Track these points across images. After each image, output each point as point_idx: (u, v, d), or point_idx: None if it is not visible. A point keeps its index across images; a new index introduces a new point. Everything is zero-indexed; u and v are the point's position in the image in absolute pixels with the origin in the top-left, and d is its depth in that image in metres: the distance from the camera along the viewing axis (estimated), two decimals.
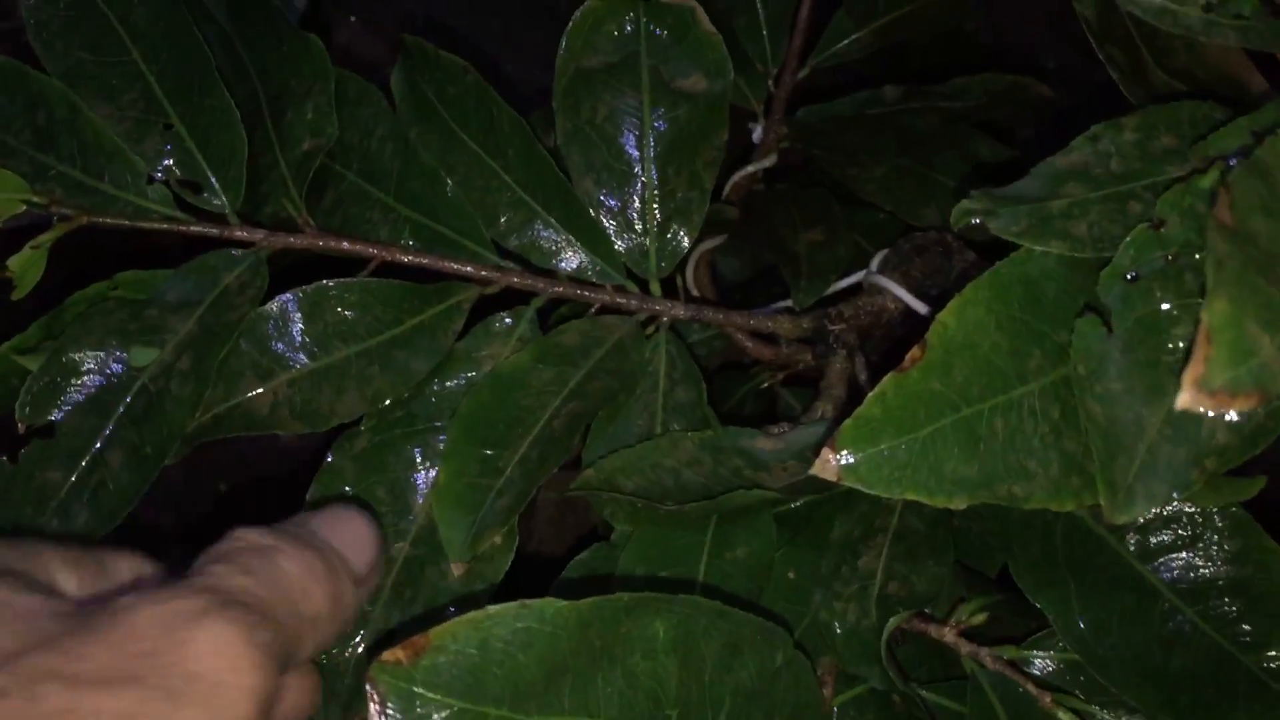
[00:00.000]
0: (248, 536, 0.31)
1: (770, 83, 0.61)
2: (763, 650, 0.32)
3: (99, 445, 0.40)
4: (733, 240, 0.58)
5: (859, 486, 0.30)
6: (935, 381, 0.30)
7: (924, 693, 0.39)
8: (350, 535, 0.34)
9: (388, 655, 0.28)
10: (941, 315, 0.31)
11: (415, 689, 0.28)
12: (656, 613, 0.30)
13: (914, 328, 0.52)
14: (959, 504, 0.30)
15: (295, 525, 0.34)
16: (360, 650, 0.42)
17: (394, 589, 0.42)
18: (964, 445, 0.31)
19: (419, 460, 0.44)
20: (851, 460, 0.30)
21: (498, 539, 0.41)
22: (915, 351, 0.30)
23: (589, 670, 0.30)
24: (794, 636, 0.33)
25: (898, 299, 0.48)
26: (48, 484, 0.39)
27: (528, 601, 0.29)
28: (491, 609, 0.28)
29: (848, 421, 0.30)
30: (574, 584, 0.45)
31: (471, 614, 0.28)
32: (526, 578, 0.42)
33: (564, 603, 0.29)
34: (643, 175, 0.46)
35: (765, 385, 0.58)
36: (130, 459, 0.40)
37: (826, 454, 0.30)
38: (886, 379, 0.30)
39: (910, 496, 0.30)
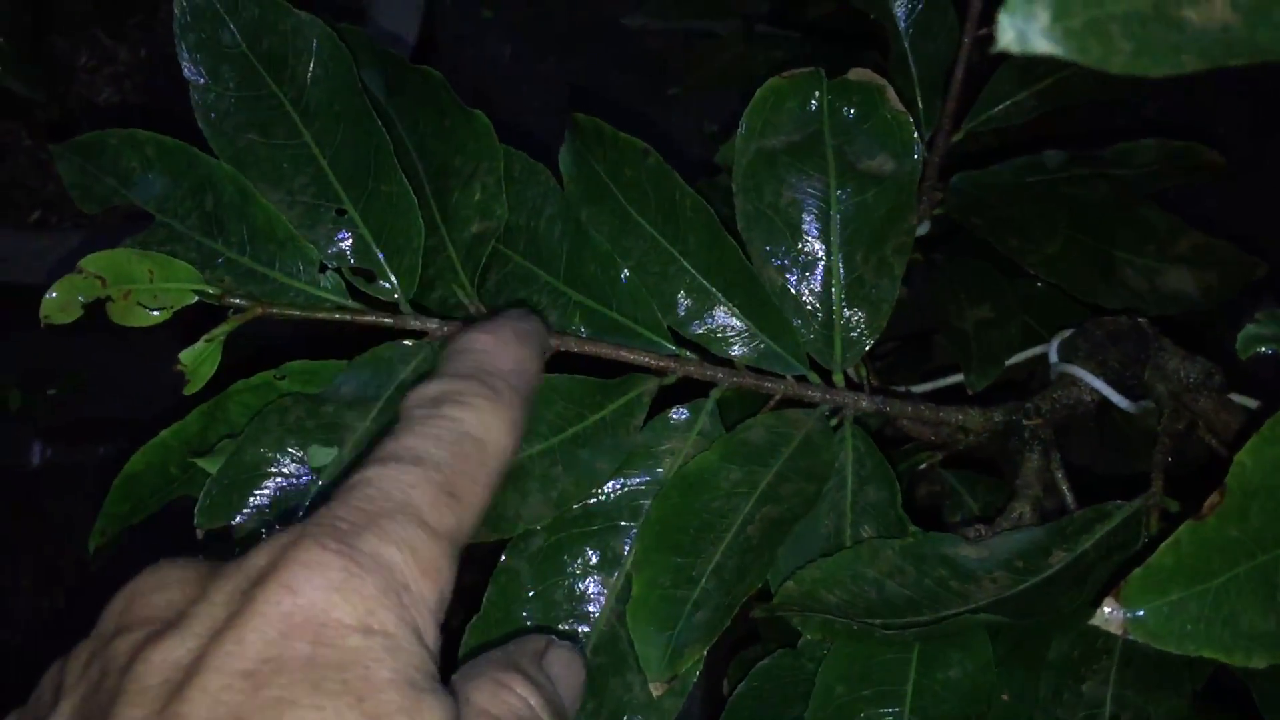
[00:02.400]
0: (529, 699, 0.31)
1: (924, 148, 0.58)
2: None
3: None
4: None
5: (1148, 642, 0.28)
6: (1232, 527, 0.28)
7: None
8: (575, 689, 0.34)
9: None
10: (1240, 455, 0.28)
11: None
12: None
13: (1107, 419, 0.50)
14: (1259, 663, 0.28)
15: (542, 674, 0.32)
16: None
17: None
18: (1260, 595, 0.28)
19: (597, 563, 0.42)
20: (1139, 614, 0.28)
21: (692, 661, 0.39)
22: (1214, 498, 0.28)
23: None
24: None
25: (1093, 390, 0.45)
26: None
27: None
28: None
29: (1137, 571, 0.28)
30: (760, 694, 0.42)
31: None
32: None
33: None
34: (828, 261, 0.44)
35: (924, 465, 0.55)
36: None
37: (1110, 605, 0.28)
38: (1183, 528, 0.28)
39: (1207, 654, 0.28)
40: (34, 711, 0.27)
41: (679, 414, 0.43)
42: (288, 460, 0.39)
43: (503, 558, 0.41)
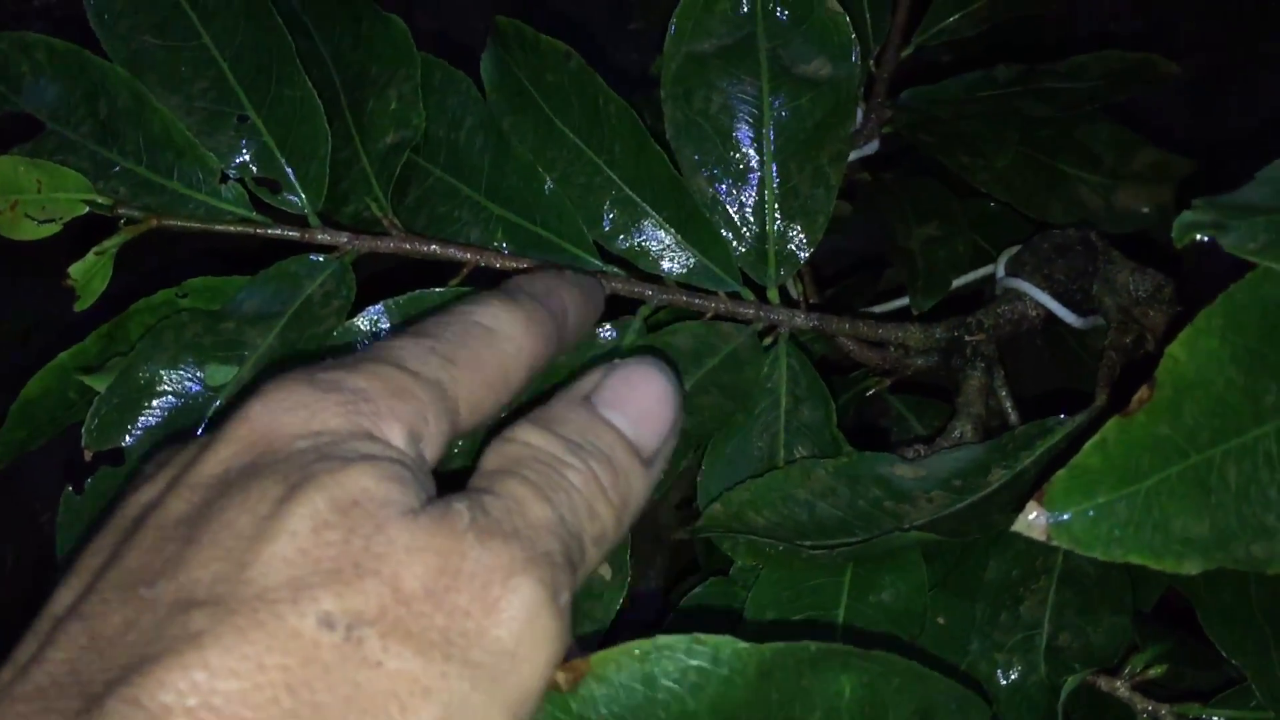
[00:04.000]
0: (530, 440, 0.27)
1: (871, 62, 0.56)
2: (956, 718, 0.28)
3: None
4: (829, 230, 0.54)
5: (1072, 548, 0.26)
6: (1163, 425, 0.26)
7: None
8: (645, 407, 0.29)
9: None
10: (1171, 348, 0.26)
11: None
12: (844, 667, 0.26)
13: (1054, 336, 0.48)
14: (1191, 568, 0.26)
15: (575, 410, 0.29)
16: None
17: None
18: (1193, 498, 0.27)
19: None
20: (1064, 517, 0.26)
21: (606, 574, 0.37)
22: (1143, 392, 0.26)
23: None
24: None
25: (1039, 305, 0.43)
26: None
27: (702, 637, 0.25)
28: (661, 639, 0.24)
29: (1061, 473, 0.26)
30: (686, 626, 0.41)
31: (637, 643, 0.24)
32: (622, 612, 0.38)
33: (744, 644, 0.25)
34: (762, 171, 0.42)
35: (871, 391, 0.53)
36: None
37: (1033, 509, 0.26)
38: (1109, 425, 0.26)
39: (1134, 560, 0.26)
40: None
41: (605, 333, 0.41)
42: (183, 378, 0.37)
43: None
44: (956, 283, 0.51)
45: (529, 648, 0.24)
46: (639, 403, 0.29)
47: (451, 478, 0.27)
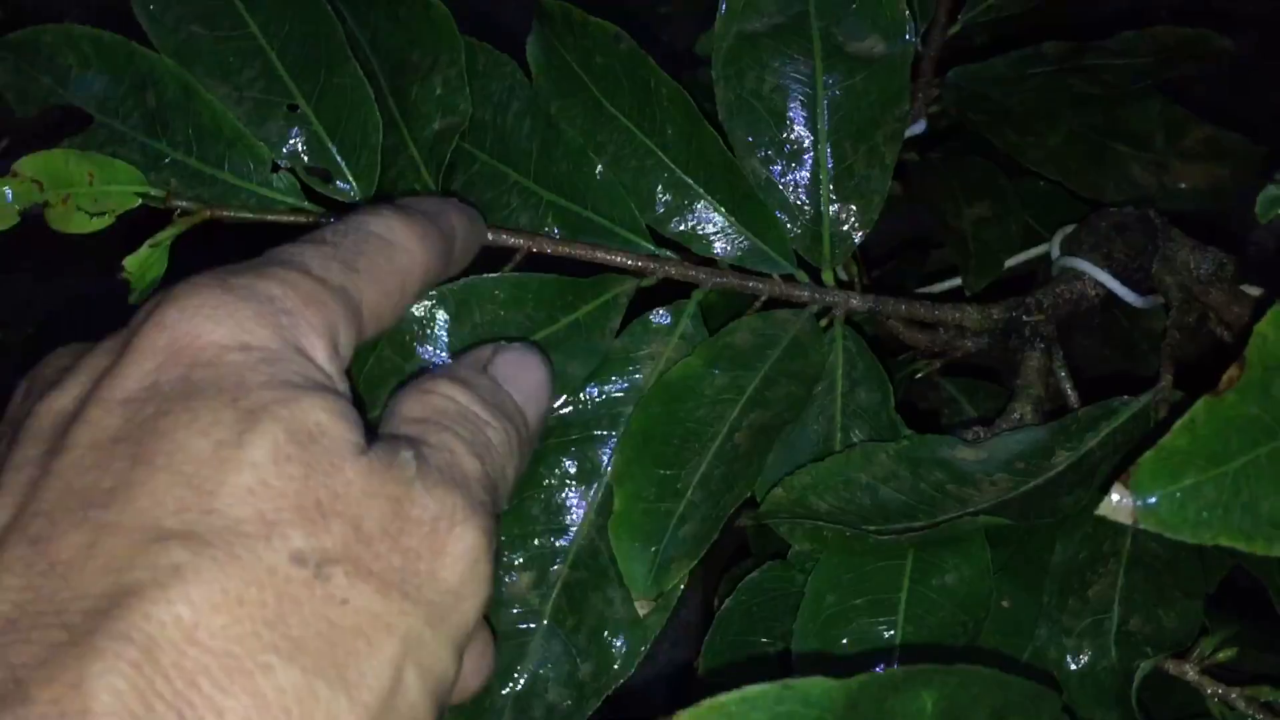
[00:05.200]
0: (454, 396, 0.29)
1: (917, 41, 0.55)
2: (1029, 714, 0.28)
3: None
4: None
5: (1160, 531, 0.26)
6: (1253, 405, 0.26)
7: None
8: (531, 384, 0.32)
9: None
10: (1260, 326, 0.26)
11: None
12: (925, 685, 0.26)
13: (1112, 317, 0.47)
14: None
15: (481, 377, 0.31)
16: (519, 687, 0.38)
17: (553, 615, 0.38)
18: None
19: (575, 474, 0.39)
20: (1151, 500, 0.26)
21: (643, 611, 0.37)
22: (1233, 372, 0.26)
23: None
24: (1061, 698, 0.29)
25: (1098, 284, 0.43)
26: None
27: (791, 682, 0.24)
28: (749, 692, 0.24)
29: (1148, 454, 0.26)
30: (748, 608, 0.40)
31: (723, 698, 0.24)
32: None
33: (832, 682, 0.24)
34: (816, 152, 0.41)
35: (922, 374, 0.53)
36: None
37: (1118, 492, 0.26)
38: (1199, 404, 0.25)
39: (1224, 543, 0.25)
40: None
41: (659, 317, 0.41)
42: None
43: None
44: (1009, 263, 0.50)
45: (471, 588, 0.26)
46: (529, 381, 0.32)
47: None
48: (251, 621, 0.22)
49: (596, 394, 0.40)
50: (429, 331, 0.38)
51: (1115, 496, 0.26)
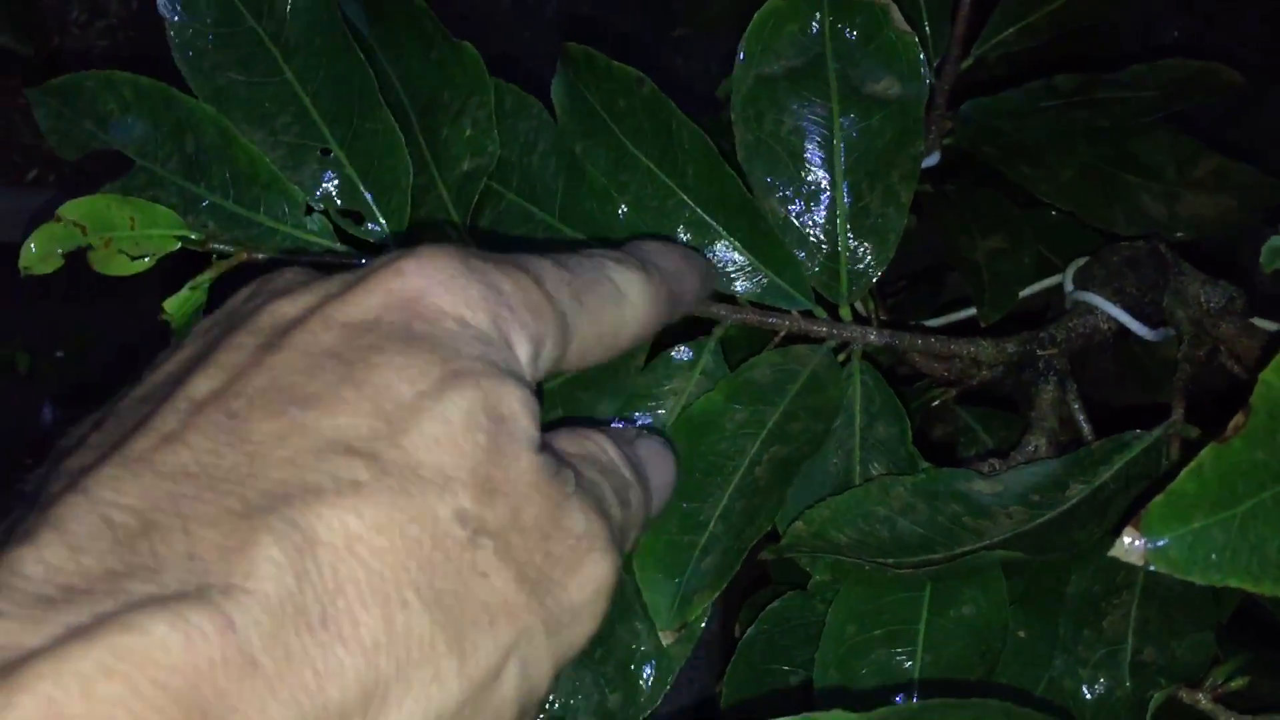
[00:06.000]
0: (608, 450, 0.31)
1: (931, 75, 0.56)
2: None
3: None
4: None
5: (1170, 572, 0.27)
6: (1259, 450, 0.27)
7: None
8: (661, 476, 0.33)
9: None
10: (1265, 374, 0.27)
11: None
12: (943, 717, 0.27)
13: (1124, 349, 0.48)
14: None
15: (628, 446, 0.32)
16: (552, 717, 0.39)
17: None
18: None
19: None
20: (1161, 543, 0.27)
21: (666, 641, 0.38)
22: (1238, 419, 0.26)
23: None
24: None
25: (1110, 318, 0.43)
26: None
27: (811, 716, 0.25)
28: None
29: (1158, 499, 0.27)
30: (770, 636, 0.41)
31: None
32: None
33: (851, 715, 0.25)
34: (833, 191, 0.42)
35: (937, 403, 0.54)
36: None
37: (1130, 535, 0.27)
38: (1206, 451, 0.26)
39: (1233, 584, 0.26)
40: (161, 359, 0.28)
41: (681, 353, 0.42)
42: None
43: None
44: (1022, 294, 0.51)
45: (589, 614, 0.27)
46: (662, 469, 0.33)
47: None
48: (407, 555, 0.23)
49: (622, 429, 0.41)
50: None
51: (1127, 540, 0.27)
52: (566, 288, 0.30)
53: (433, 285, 0.27)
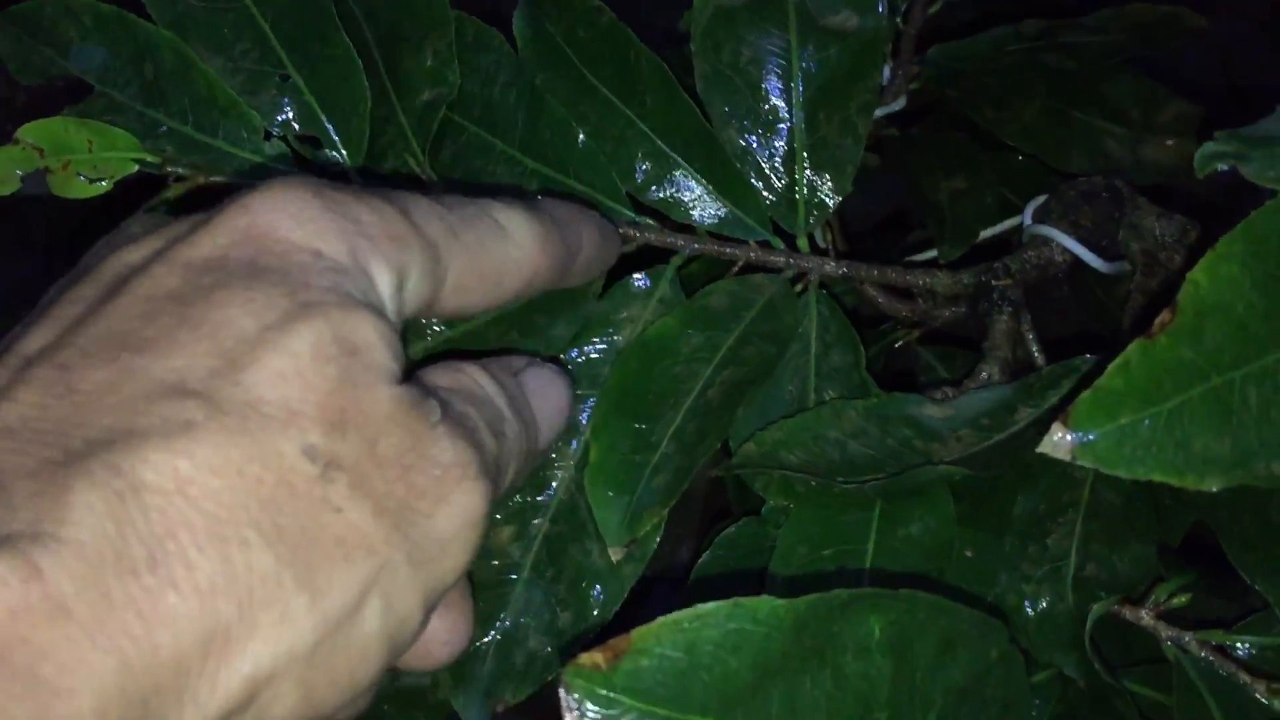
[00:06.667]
0: (482, 384, 0.30)
1: (899, 19, 0.56)
2: (977, 646, 0.29)
3: None
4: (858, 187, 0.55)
5: (1096, 466, 0.27)
6: (1185, 348, 0.27)
7: (1129, 685, 0.36)
8: (551, 407, 0.33)
9: (584, 658, 0.25)
10: (1192, 274, 0.27)
11: (614, 695, 0.25)
12: (873, 608, 0.27)
13: (1081, 283, 0.49)
14: (1211, 485, 0.27)
15: (509, 379, 0.31)
16: (501, 637, 0.39)
17: (534, 567, 0.40)
18: (1214, 419, 0.27)
19: None
20: (1089, 438, 0.27)
21: (616, 557, 0.38)
22: (1165, 315, 0.27)
23: (798, 674, 0.27)
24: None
25: (1065, 251, 0.44)
26: None
27: (742, 601, 0.26)
28: (700, 609, 0.25)
29: (1085, 395, 0.27)
30: (724, 561, 0.42)
31: (677, 615, 0.25)
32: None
33: (780, 602, 0.26)
34: (791, 122, 0.42)
35: (900, 343, 0.54)
36: None
37: (1058, 430, 0.27)
38: (1132, 347, 0.27)
39: (1157, 478, 0.27)
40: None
41: (639, 281, 0.42)
42: None
43: None
44: (983, 235, 0.51)
45: (458, 546, 0.26)
46: (551, 400, 0.32)
47: None
48: (245, 494, 0.23)
49: (577, 355, 0.41)
50: None
51: (1056, 435, 0.27)
52: (438, 220, 0.29)
53: (282, 219, 0.26)
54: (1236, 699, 0.35)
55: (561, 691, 0.26)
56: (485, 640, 0.39)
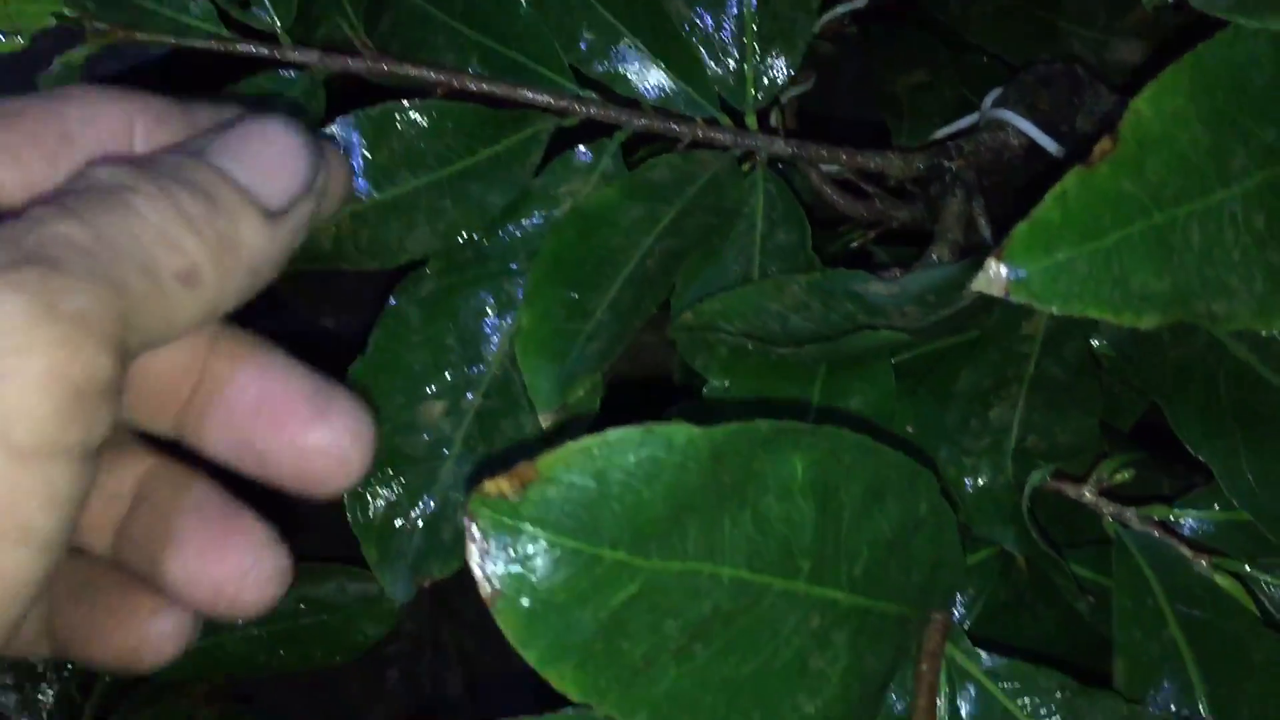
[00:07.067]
0: (97, 173, 0.23)
1: None
2: (906, 496, 0.28)
3: None
4: (821, 88, 0.53)
5: (1030, 302, 0.26)
6: (1126, 180, 0.26)
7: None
8: (265, 158, 0.25)
9: (489, 485, 0.24)
10: (1135, 102, 0.26)
11: (521, 525, 0.24)
12: (796, 447, 0.26)
13: (1040, 175, 0.48)
14: (1149, 322, 0.26)
15: (182, 152, 0.25)
16: (429, 512, 0.38)
17: (465, 443, 0.39)
18: (1155, 256, 0.26)
19: (492, 306, 0.40)
20: (1023, 273, 0.26)
21: (584, 390, 0.37)
22: (1105, 143, 0.26)
23: (716, 511, 0.25)
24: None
25: (1021, 135, 0.43)
26: None
27: (654, 426, 0.24)
28: (611, 434, 0.24)
29: (1021, 225, 0.26)
30: None
31: (586, 440, 0.24)
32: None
33: (696, 429, 0.25)
34: None
35: (857, 244, 0.53)
36: None
37: (992, 265, 0.26)
38: (1070, 176, 0.26)
39: (1092, 314, 0.26)
40: None
41: (581, 155, 0.41)
42: None
43: (391, 301, 0.39)
44: (942, 132, 0.50)
45: (10, 358, 0.20)
46: (260, 153, 0.25)
47: None
48: None
49: (515, 229, 0.40)
50: (346, 157, 0.38)
51: (991, 269, 0.26)
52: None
53: None
54: (1178, 574, 0.34)
55: (465, 522, 0.24)
56: (414, 514, 0.38)
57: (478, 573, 0.24)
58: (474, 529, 0.24)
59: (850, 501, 0.27)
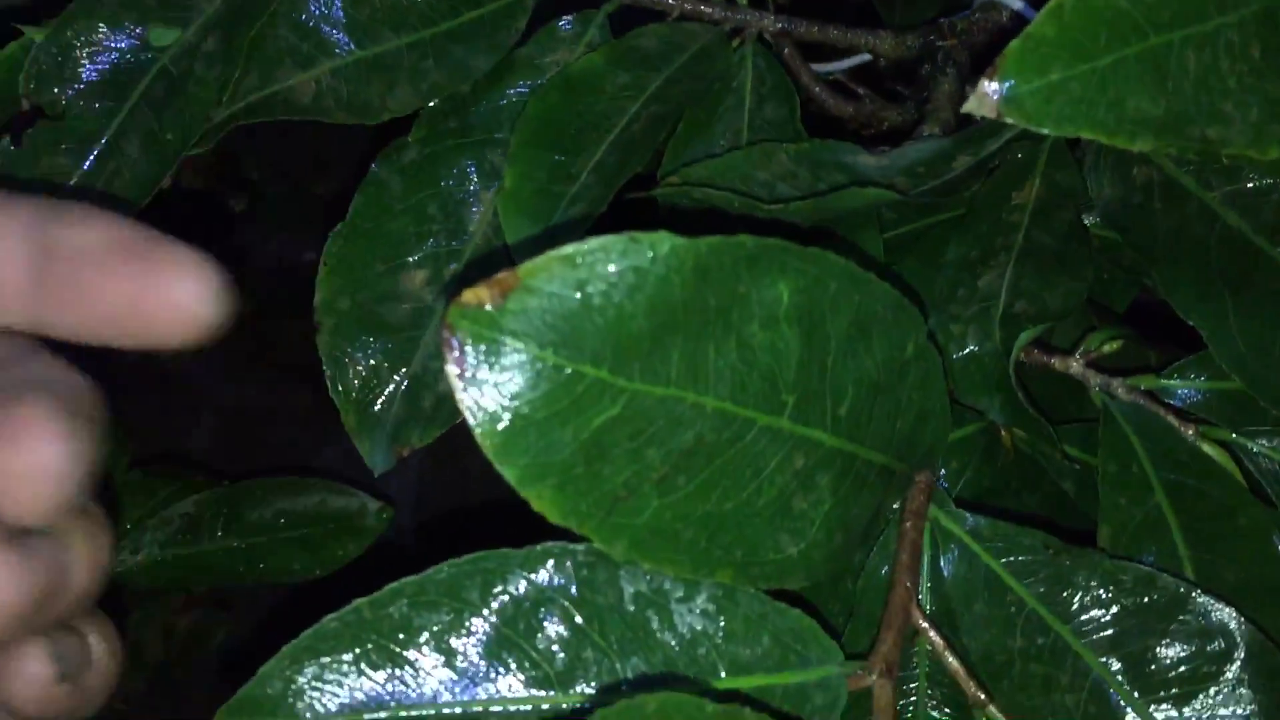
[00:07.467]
0: None
1: None
2: (892, 334, 0.28)
3: (114, 130, 0.35)
4: None
5: (1022, 123, 0.25)
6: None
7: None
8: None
9: (468, 294, 0.23)
10: None
11: (501, 337, 0.23)
12: (782, 270, 0.26)
13: None
14: (1143, 145, 0.25)
15: None
16: (405, 385, 0.38)
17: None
18: (1150, 81, 0.26)
19: (475, 175, 0.39)
20: (1016, 92, 0.25)
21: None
22: None
23: (700, 336, 0.25)
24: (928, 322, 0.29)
25: (1013, 14, 0.42)
26: (56, 169, 0.34)
27: (637, 235, 0.24)
28: (593, 241, 0.23)
29: (1014, 43, 0.25)
30: None
31: (568, 249, 0.23)
32: None
33: (681, 240, 0.24)
34: None
35: None
36: (149, 146, 0.35)
37: (984, 84, 0.25)
38: None
39: (1086, 135, 0.25)
40: None
41: (566, 24, 0.40)
42: (125, 38, 0.36)
43: (373, 167, 0.39)
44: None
45: None
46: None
47: None
48: None
49: (499, 97, 0.39)
50: (327, 13, 0.37)
51: (983, 88, 0.25)
52: None
53: None
54: (1165, 443, 0.34)
55: (444, 334, 0.24)
56: (396, 379, 0.37)
57: (456, 386, 0.23)
58: (453, 340, 0.23)
59: (836, 334, 0.27)
